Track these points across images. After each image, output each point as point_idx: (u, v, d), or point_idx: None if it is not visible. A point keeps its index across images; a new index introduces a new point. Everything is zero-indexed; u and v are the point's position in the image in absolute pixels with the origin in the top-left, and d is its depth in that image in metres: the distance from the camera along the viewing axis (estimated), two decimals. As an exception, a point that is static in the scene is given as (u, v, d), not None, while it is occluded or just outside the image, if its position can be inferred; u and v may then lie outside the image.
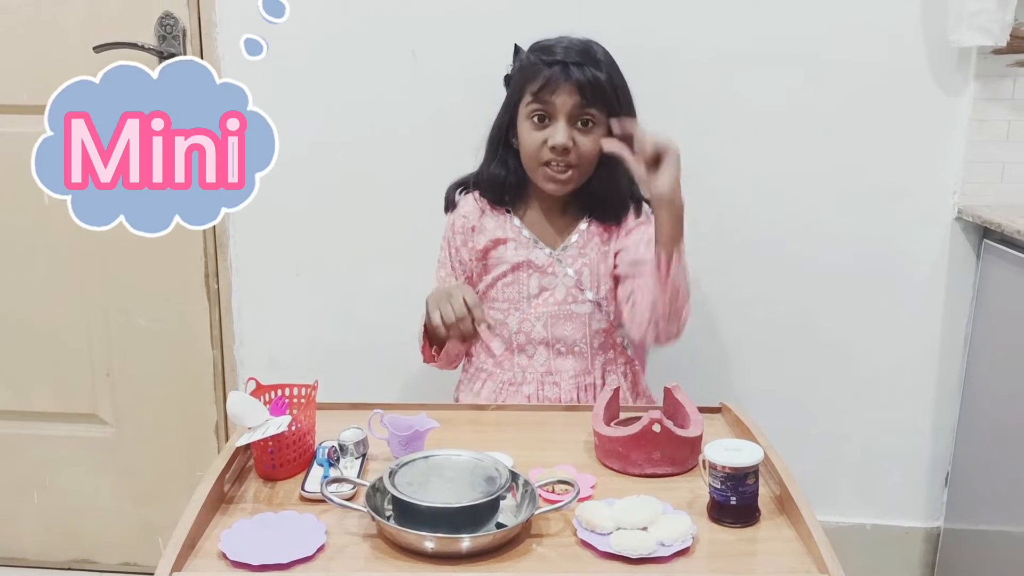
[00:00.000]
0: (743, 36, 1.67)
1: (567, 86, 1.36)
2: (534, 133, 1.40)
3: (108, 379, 1.91)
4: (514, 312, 1.47)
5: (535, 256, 1.46)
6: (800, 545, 0.96)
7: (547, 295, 1.46)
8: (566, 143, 1.37)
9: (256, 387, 1.17)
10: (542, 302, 1.46)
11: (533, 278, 1.46)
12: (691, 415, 1.18)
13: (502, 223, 1.48)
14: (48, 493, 1.97)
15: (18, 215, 1.83)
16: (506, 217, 1.48)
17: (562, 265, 1.46)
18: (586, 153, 1.39)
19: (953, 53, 1.64)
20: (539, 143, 1.39)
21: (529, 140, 1.41)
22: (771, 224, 1.76)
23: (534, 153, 1.40)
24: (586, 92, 1.37)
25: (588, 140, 1.39)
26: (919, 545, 1.88)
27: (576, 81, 1.36)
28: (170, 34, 1.71)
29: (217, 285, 1.86)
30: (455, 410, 1.37)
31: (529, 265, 1.46)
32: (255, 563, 0.90)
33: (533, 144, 1.40)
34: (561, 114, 1.38)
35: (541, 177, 1.42)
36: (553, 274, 1.46)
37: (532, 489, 1.01)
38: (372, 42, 1.71)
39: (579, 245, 1.47)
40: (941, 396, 1.81)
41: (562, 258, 1.46)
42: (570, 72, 1.36)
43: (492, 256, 1.47)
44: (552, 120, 1.39)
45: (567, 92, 1.37)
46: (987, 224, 1.64)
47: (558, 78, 1.37)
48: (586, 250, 1.46)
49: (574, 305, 1.46)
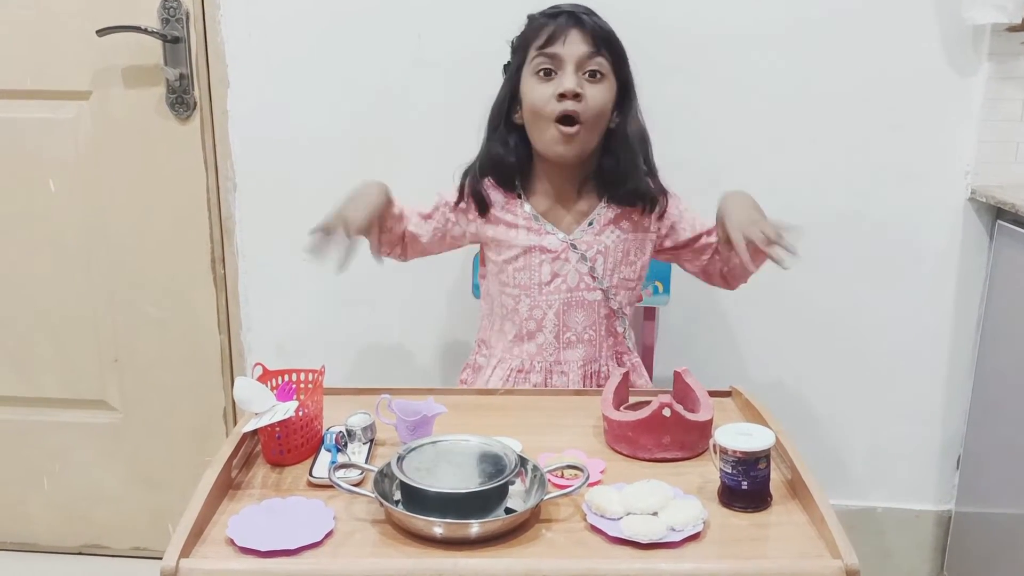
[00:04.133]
0: (752, 16, 1.65)
1: (575, 32, 1.35)
2: (541, 87, 1.36)
3: (116, 365, 1.91)
4: (524, 298, 1.44)
5: (547, 242, 1.43)
6: (812, 530, 0.96)
7: (559, 281, 1.43)
8: (575, 87, 1.33)
9: (263, 372, 1.16)
10: (554, 288, 1.43)
11: (545, 264, 1.43)
12: (701, 399, 1.17)
13: (512, 208, 1.45)
14: (57, 479, 1.98)
15: (24, 201, 1.83)
16: (516, 202, 1.45)
17: (576, 251, 1.43)
18: (595, 106, 1.36)
19: (967, 31, 1.62)
20: (547, 96, 1.35)
21: (536, 95, 1.36)
22: (781, 206, 1.73)
23: (542, 108, 1.36)
24: (594, 38, 1.35)
25: (597, 91, 1.36)
26: (930, 529, 1.88)
27: (584, 26, 1.35)
28: (173, 17, 1.69)
29: (224, 271, 1.85)
30: (463, 395, 1.36)
31: (541, 250, 1.43)
32: (263, 549, 0.90)
33: (541, 98, 1.36)
34: (569, 62, 1.34)
35: (550, 139, 1.37)
36: (566, 260, 1.43)
37: (541, 474, 1.00)
38: (377, 26, 1.69)
39: (595, 231, 1.43)
40: (952, 379, 1.80)
41: (576, 244, 1.43)
42: (578, 19, 1.35)
43: (503, 241, 1.44)
44: (560, 71, 1.35)
45: (575, 39, 1.35)
46: (1000, 205, 1.62)
47: (565, 26, 1.35)
48: (602, 236, 1.43)
49: (586, 292, 1.43)
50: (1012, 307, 1.64)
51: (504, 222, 1.44)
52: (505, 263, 1.45)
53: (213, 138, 1.78)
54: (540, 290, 1.43)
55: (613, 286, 1.45)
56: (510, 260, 1.44)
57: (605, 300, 1.45)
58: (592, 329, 1.45)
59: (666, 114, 1.60)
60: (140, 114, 1.76)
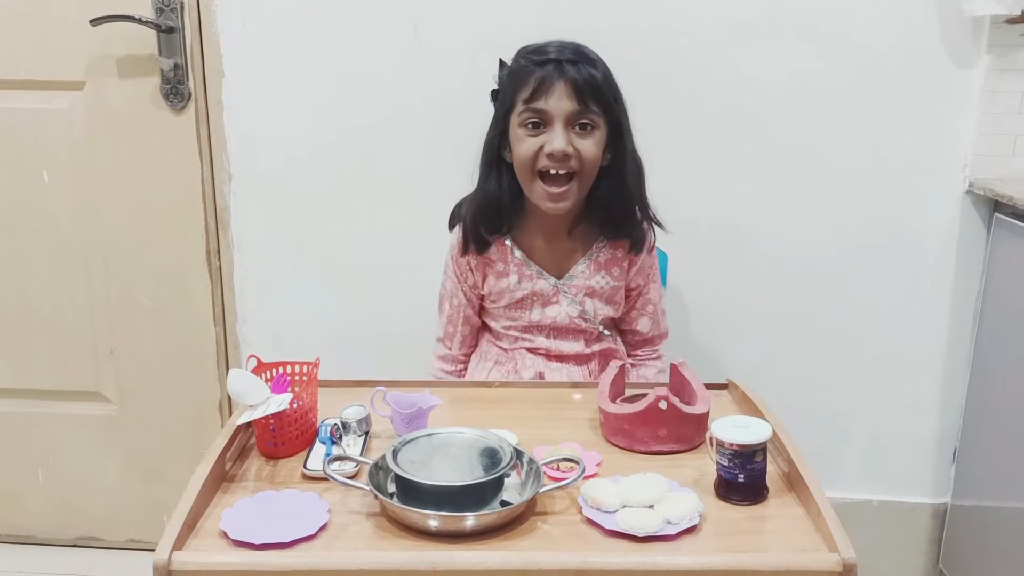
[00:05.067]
0: (750, 9, 1.64)
1: (562, 86, 1.26)
2: (528, 140, 1.29)
3: (111, 357, 1.91)
4: (514, 330, 1.45)
5: (539, 287, 1.41)
6: (809, 523, 0.95)
7: (549, 321, 1.43)
8: (565, 148, 1.27)
9: (257, 365, 1.15)
10: (549, 323, 1.43)
11: (536, 307, 1.43)
12: (698, 392, 1.17)
13: (503, 254, 1.41)
14: (53, 471, 1.97)
15: (18, 192, 1.82)
16: (506, 248, 1.41)
17: (567, 295, 1.42)
18: (587, 158, 1.29)
19: (966, 23, 1.61)
20: (534, 150, 1.28)
21: (523, 149, 1.29)
22: (778, 199, 1.74)
23: (529, 163, 1.29)
24: (583, 92, 1.27)
25: (588, 144, 1.29)
26: (926, 521, 1.88)
27: (572, 80, 1.26)
28: (168, 7, 1.68)
29: (219, 263, 1.84)
30: (458, 387, 1.36)
31: (533, 296, 1.42)
32: (256, 542, 0.89)
33: (528, 152, 1.29)
34: (558, 118, 1.27)
35: (538, 195, 1.32)
36: (557, 303, 1.42)
37: (537, 467, 1.00)
38: (373, 16, 1.68)
39: (585, 276, 1.41)
40: (949, 372, 1.80)
41: (567, 288, 1.41)
42: (564, 70, 1.26)
43: (495, 290, 1.43)
44: (548, 126, 1.28)
45: (562, 94, 1.26)
46: (998, 198, 1.62)
47: (552, 78, 1.27)
48: (591, 282, 1.41)
49: (579, 321, 1.43)
50: (1009, 300, 1.64)
51: (495, 271, 1.42)
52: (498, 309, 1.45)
53: (208, 129, 1.77)
54: (532, 325, 1.44)
55: (600, 321, 1.45)
56: (503, 307, 1.44)
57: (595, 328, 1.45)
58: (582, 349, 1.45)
59: (662, 111, 1.60)
60: (134, 105, 1.75)
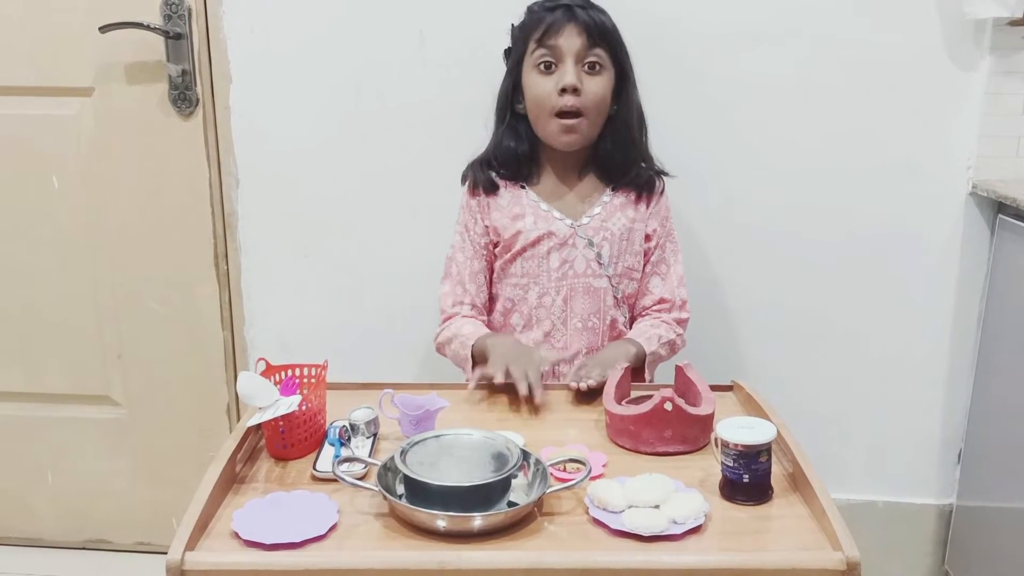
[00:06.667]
0: (752, 10, 1.65)
1: (572, 27, 1.38)
2: (542, 81, 1.40)
3: (120, 361, 1.92)
4: (533, 286, 1.47)
5: (555, 228, 1.46)
6: (814, 523, 0.96)
7: (566, 267, 1.46)
8: (575, 82, 1.37)
9: (266, 367, 1.17)
10: (561, 275, 1.46)
11: (553, 252, 1.45)
12: (703, 393, 1.18)
13: (518, 198, 1.47)
14: (62, 474, 1.98)
15: (27, 198, 1.83)
16: (522, 192, 1.48)
17: (583, 238, 1.45)
18: (594, 97, 1.39)
19: (968, 25, 1.61)
20: (548, 90, 1.39)
21: (538, 89, 1.40)
22: (781, 200, 1.74)
23: (544, 101, 1.40)
24: (592, 32, 1.38)
25: (596, 83, 1.39)
26: (931, 522, 1.88)
27: (581, 21, 1.38)
28: (175, 13, 1.70)
29: (227, 266, 1.85)
30: (466, 389, 1.37)
31: (549, 237, 1.45)
32: (267, 542, 0.90)
33: (542, 92, 1.40)
34: (568, 55, 1.38)
35: (553, 131, 1.41)
36: (574, 246, 1.46)
37: (543, 468, 1.01)
38: (379, 22, 1.69)
39: (602, 218, 1.47)
40: (954, 373, 1.80)
41: (583, 231, 1.46)
42: (574, 13, 1.38)
43: (510, 232, 1.46)
44: (559, 64, 1.39)
45: (572, 32, 1.38)
46: (1002, 199, 1.62)
47: (562, 20, 1.38)
48: (608, 223, 1.46)
49: (593, 279, 1.46)
50: (1013, 301, 1.64)
51: (512, 213, 1.47)
52: (513, 257, 1.47)
53: (216, 134, 1.78)
54: (549, 277, 1.46)
55: (618, 274, 1.47)
56: (519, 253, 1.46)
57: (610, 288, 1.47)
58: (596, 317, 1.47)
59: (666, 109, 1.61)
60: (143, 110, 1.77)
